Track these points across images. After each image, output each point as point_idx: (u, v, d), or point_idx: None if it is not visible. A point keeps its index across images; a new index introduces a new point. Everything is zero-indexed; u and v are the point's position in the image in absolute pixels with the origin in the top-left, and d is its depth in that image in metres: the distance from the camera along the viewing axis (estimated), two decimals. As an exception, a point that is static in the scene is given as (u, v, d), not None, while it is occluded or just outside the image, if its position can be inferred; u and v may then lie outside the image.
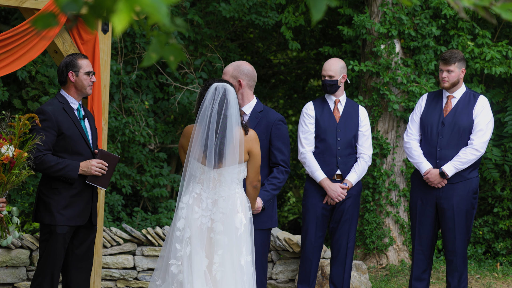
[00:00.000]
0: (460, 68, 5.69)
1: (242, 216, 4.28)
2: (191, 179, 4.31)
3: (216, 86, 4.33)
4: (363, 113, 5.85)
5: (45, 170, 4.73)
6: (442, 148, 5.67)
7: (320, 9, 1.79)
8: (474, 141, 5.62)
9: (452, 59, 5.66)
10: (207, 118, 4.24)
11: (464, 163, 5.61)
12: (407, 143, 5.84)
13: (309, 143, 5.76)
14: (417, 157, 5.75)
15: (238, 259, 4.23)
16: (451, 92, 5.77)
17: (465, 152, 5.62)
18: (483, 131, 5.64)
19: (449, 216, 5.64)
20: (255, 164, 4.39)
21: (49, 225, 4.76)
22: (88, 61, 4.93)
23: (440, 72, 5.73)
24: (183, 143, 4.46)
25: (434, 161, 5.69)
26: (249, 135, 4.36)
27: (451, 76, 5.68)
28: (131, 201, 8.62)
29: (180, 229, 4.23)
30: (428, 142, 5.75)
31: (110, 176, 4.89)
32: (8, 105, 8.16)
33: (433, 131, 5.72)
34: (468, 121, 5.67)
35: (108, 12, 1.73)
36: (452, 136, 5.67)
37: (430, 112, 5.79)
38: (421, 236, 5.78)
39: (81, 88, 4.86)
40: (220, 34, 8.91)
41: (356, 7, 8.72)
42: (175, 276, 4.18)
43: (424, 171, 5.67)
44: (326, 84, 5.73)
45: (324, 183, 5.67)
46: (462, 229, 5.65)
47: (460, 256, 5.68)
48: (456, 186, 5.66)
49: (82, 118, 4.91)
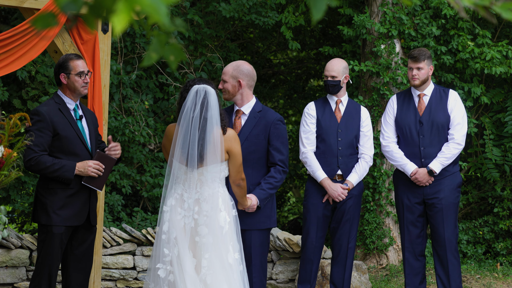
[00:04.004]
0: (428, 66, 5.80)
1: (226, 215, 4.30)
2: (174, 180, 4.34)
3: (197, 88, 4.33)
4: (365, 113, 5.85)
5: (41, 171, 4.71)
6: (425, 147, 5.76)
7: (320, 9, 1.79)
8: (454, 135, 5.72)
9: (421, 56, 5.76)
10: (189, 121, 4.26)
11: (449, 158, 5.71)
12: (386, 146, 5.88)
13: (310, 143, 5.76)
14: (400, 159, 5.81)
15: (226, 257, 4.24)
16: (421, 90, 5.84)
17: (448, 147, 5.71)
18: (460, 125, 5.75)
19: (438, 211, 5.72)
20: (236, 163, 4.40)
21: (46, 225, 4.76)
22: (82, 61, 4.89)
23: (409, 70, 5.82)
24: (165, 143, 4.50)
25: (419, 160, 5.75)
26: (228, 135, 4.37)
27: (421, 74, 5.78)
28: (131, 201, 8.62)
29: (165, 232, 4.26)
30: (409, 143, 5.81)
31: (106, 178, 4.88)
32: (8, 105, 8.16)
33: (412, 131, 5.79)
34: (444, 116, 5.76)
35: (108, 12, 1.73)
36: (432, 133, 5.75)
37: (405, 112, 5.85)
38: (410, 234, 5.83)
39: (74, 89, 4.85)
40: (220, 34, 8.91)
41: (356, 7, 8.72)
42: (165, 279, 4.20)
43: (411, 172, 5.74)
44: (328, 84, 5.73)
45: (325, 183, 5.67)
46: (450, 224, 5.72)
47: (451, 251, 5.71)
48: (443, 181, 5.75)
49: (78, 118, 4.89)
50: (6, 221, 4.80)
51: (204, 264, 4.21)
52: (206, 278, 4.19)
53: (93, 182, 4.82)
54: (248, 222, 4.82)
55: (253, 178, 4.86)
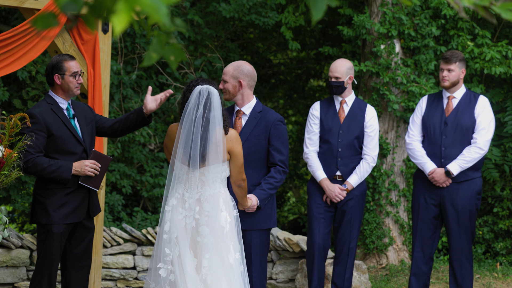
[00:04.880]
0: (460, 68, 5.73)
1: (227, 215, 4.30)
2: (176, 180, 4.34)
3: (200, 89, 4.33)
4: (370, 113, 5.81)
5: (38, 173, 4.72)
6: (446, 148, 5.72)
7: (320, 9, 1.79)
8: (477, 140, 5.66)
9: (453, 58, 5.71)
10: (191, 121, 4.26)
11: (468, 161, 5.64)
12: (410, 144, 5.88)
13: (312, 143, 5.78)
14: (420, 157, 5.78)
15: (226, 257, 4.24)
16: (451, 92, 5.80)
17: (469, 151, 5.65)
18: (485, 130, 5.69)
19: (453, 216, 5.68)
20: (237, 163, 4.40)
21: (46, 225, 4.77)
22: (75, 62, 4.88)
23: (440, 71, 5.77)
24: (166, 143, 4.50)
25: (439, 160, 5.72)
26: (230, 135, 4.38)
27: (452, 75, 5.72)
28: (131, 201, 8.62)
29: (167, 232, 4.27)
30: (432, 142, 5.79)
31: (102, 177, 4.91)
32: (8, 105, 8.16)
33: (436, 131, 5.76)
34: (470, 120, 5.71)
35: (108, 12, 1.73)
36: (455, 135, 5.71)
37: (432, 113, 5.83)
38: (423, 234, 5.81)
39: (68, 90, 4.85)
40: (220, 34, 8.91)
41: (356, 7, 8.72)
42: (166, 279, 4.21)
43: (429, 171, 5.71)
44: (332, 85, 5.72)
45: (323, 183, 5.68)
46: (466, 229, 5.69)
47: (465, 255, 5.71)
48: (461, 185, 5.71)
49: (72, 117, 4.90)
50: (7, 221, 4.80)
51: (204, 264, 4.21)
52: (207, 278, 4.20)
53: (90, 181, 4.84)
54: (248, 222, 4.82)
55: (253, 179, 4.87)
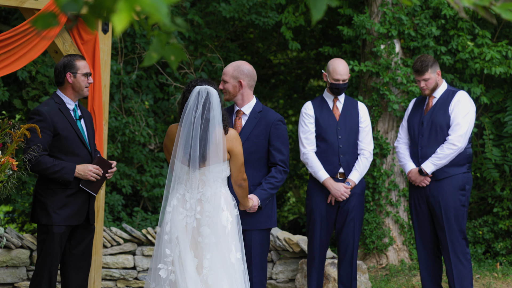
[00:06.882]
0: (434, 72, 5.76)
1: (228, 214, 4.30)
2: (176, 180, 4.34)
3: (199, 89, 4.33)
4: (363, 109, 5.85)
5: (40, 172, 4.73)
6: (423, 147, 5.78)
7: (320, 9, 1.79)
8: (450, 136, 5.71)
9: (424, 68, 5.74)
10: (191, 121, 4.25)
11: (441, 158, 5.66)
12: (396, 147, 6.03)
13: (310, 142, 5.74)
14: (402, 159, 5.89)
15: (228, 257, 4.24)
16: (433, 93, 5.85)
17: (442, 148, 5.70)
18: (459, 125, 5.69)
19: (438, 214, 5.71)
20: (237, 162, 4.40)
21: (46, 225, 4.77)
22: (86, 63, 4.93)
23: (417, 82, 5.81)
24: (166, 143, 4.50)
25: (417, 160, 5.77)
26: (229, 135, 4.37)
27: (429, 83, 5.78)
28: (131, 201, 8.62)
29: (168, 232, 4.26)
30: (413, 142, 5.90)
31: (102, 183, 4.92)
32: (8, 105, 8.17)
33: (416, 131, 5.84)
34: (444, 117, 5.73)
35: (108, 12, 1.73)
36: (431, 134, 5.75)
37: (414, 113, 5.91)
38: (422, 234, 5.84)
39: (79, 89, 4.86)
40: (220, 34, 8.92)
41: (356, 7, 8.72)
42: (166, 279, 4.21)
43: (407, 171, 5.77)
44: (340, 87, 5.70)
45: (327, 183, 5.66)
46: (452, 226, 5.67)
47: (456, 253, 5.69)
48: (441, 183, 5.74)
49: (78, 118, 4.90)
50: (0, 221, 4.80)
51: (205, 265, 4.21)
52: (208, 279, 4.19)
53: (90, 186, 4.85)
54: (248, 222, 4.82)
55: (253, 178, 4.86)
